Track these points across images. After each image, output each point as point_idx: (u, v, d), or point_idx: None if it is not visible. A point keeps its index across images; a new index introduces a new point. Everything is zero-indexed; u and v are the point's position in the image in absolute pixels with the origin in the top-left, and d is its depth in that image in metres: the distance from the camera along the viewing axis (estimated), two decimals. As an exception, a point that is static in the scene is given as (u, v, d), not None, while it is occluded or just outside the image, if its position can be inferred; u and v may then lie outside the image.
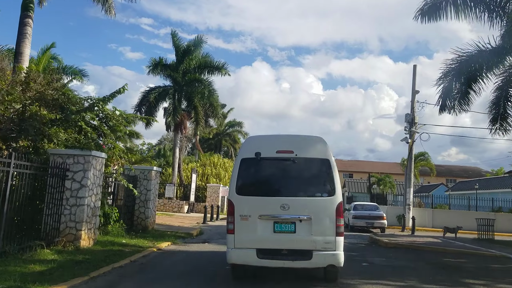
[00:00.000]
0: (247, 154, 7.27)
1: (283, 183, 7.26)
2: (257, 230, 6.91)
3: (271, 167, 7.35)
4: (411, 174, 26.04)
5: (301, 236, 6.87)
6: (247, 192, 7.12)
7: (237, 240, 6.94)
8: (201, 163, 40.91)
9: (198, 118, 33.00)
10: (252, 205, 7.01)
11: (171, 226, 18.54)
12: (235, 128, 61.30)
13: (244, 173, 7.20)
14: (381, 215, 21.75)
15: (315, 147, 7.30)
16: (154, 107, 33.52)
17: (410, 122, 25.97)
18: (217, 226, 21.16)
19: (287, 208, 6.87)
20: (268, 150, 7.25)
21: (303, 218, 6.89)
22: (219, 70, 34.61)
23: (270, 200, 7.02)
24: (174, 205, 30.91)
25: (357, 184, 48.40)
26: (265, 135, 8.36)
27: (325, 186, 7.12)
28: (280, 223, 6.91)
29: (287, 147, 7.23)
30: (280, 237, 6.91)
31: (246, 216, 6.92)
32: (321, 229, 6.88)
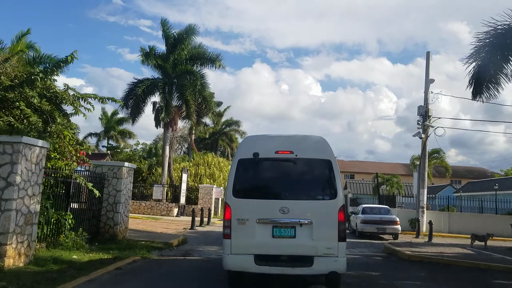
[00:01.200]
0: (245, 155, 6.91)
1: (283, 185, 6.95)
2: (255, 235, 6.59)
3: (270, 169, 7.02)
4: (424, 173, 23.36)
5: (302, 241, 6.56)
6: (244, 195, 6.76)
7: (234, 245, 6.58)
8: (194, 162, 38.17)
9: (190, 112, 30.29)
10: (250, 208, 6.67)
11: (150, 234, 15.83)
12: (232, 127, 58.72)
13: (241, 175, 6.86)
14: (394, 219, 19.05)
15: (316, 147, 6.97)
16: (141, 101, 30.85)
17: (423, 115, 23.31)
18: (206, 233, 18.43)
19: (286, 212, 6.55)
20: (266, 150, 6.89)
21: (303, 222, 6.58)
22: (213, 62, 32.05)
23: (268, 203, 6.69)
24: (163, 208, 28.18)
25: (360, 185, 45.68)
26: (264, 135, 7.66)
27: (326, 188, 6.80)
28: (279, 227, 6.60)
29: (286, 147, 6.91)
30: (279, 242, 6.59)
31: (244, 220, 6.59)
32: (323, 233, 6.55)
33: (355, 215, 20.98)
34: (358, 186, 45.45)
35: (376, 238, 19.41)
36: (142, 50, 30.53)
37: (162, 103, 29.93)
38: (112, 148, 42.92)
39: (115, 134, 54.45)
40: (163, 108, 29.57)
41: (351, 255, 13.19)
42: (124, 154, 41.04)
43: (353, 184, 45.13)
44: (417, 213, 23.16)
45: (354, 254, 13.73)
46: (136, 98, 30.22)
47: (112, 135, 54.90)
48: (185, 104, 30.37)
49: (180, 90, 30.94)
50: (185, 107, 30.39)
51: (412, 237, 20.97)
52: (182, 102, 30.80)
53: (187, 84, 30.64)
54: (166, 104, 30.04)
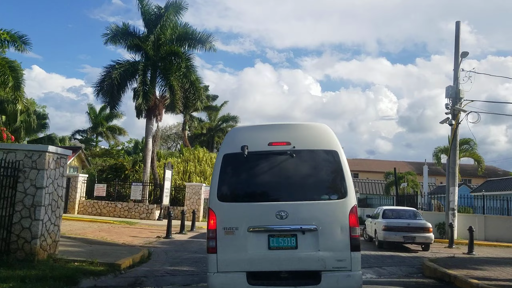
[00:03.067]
0: (231, 149, 5.67)
1: (279, 184, 5.64)
2: (246, 247, 5.35)
3: (263, 164, 5.71)
4: (455, 167, 19.23)
5: (305, 252, 5.32)
6: (232, 198, 5.55)
7: (220, 261, 5.34)
8: (183, 158, 34.02)
9: (175, 100, 26.14)
10: (239, 214, 5.45)
11: (105, 245, 11.73)
12: (229, 123, 54.51)
13: (227, 173, 5.62)
14: (425, 225, 14.94)
15: (318, 137, 5.76)
16: (119, 87, 26.67)
17: (453, 97, 19.17)
18: (184, 244, 14.31)
19: (285, 217, 5.35)
20: (257, 142, 5.67)
21: (306, 229, 5.35)
22: (203, 44, 27.96)
23: (262, 206, 5.45)
24: (142, 210, 24.05)
25: (367, 185, 41.57)
26: (254, 125, 6.39)
27: (333, 186, 5.61)
28: (276, 236, 5.39)
29: (282, 137, 5.71)
30: (277, 255, 5.35)
31: (232, 229, 5.38)
32: (331, 242, 5.33)
33: (372, 219, 16.87)
34: (366, 186, 41.36)
35: (400, 248, 15.31)
36: (111, 28, 26.34)
37: (140, 88, 25.76)
38: (86, 141, 38.75)
39: (104, 131, 50.47)
40: (141, 94, 25.41)
41: (379, 280, 9.17)
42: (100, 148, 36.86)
43: (360, 183, 41.01)
44: (446, 217, 19.03)
45: (384, 277, 9.64)
46: (112, 83, 26.07)
47: (101, 132, 51.02)
48: (169, 89, 26.26)
49: (164, 74, 26.89)
50: (169, 93, 26.27)
51: (443, 247, 16.85)
52: (166, 88, 26.72)
53: (172, 67, 26.64)
54: (144, 89, 25.93)
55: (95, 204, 24.16)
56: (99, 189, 24.52)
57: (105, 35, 26.38)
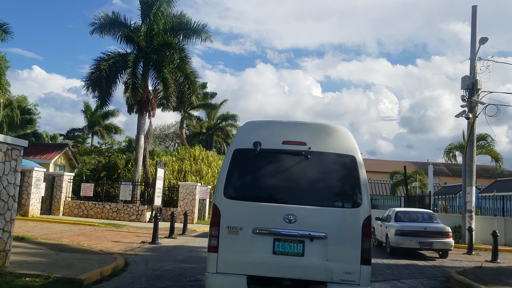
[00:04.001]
0: (243, 144, 5.35)
1: (290, 185, 5.29)
2: (250, 249, 5.04)
3: (275, 163, 5.37)
4: (472, 165, 17.53)
5: (312, 261, 4.98)
6: (239, 196, 5.22)
7: (221, 261, 5.04)
8: (178, 156, 32.36)
9: (168, 93, 24.47)
10: (245, 213, 5.12)
11: (77, 253, 10.05)
12: (228, 121, 53.06)
13: (237, 169, 5.30)
14: (444, 229, 13.28)
15: (336, 139, 5.36)
16: (108, 81, 24.98)
17: (470, 88, 17.50)
18: (171, 250, 12.62)
19: (293, 221, 5.01)
20: (271, 139, 5.34)
21: (315, 236, 4.99)
22: (198, 34, 26.34)
23: (270, 208, 5.11)
24: (132, 211, 22.38)
25: (372, 185, 39.76)
26: (269, 120, 5.89)
27: (348, 193, 5.26)
28: (283, 241, 5.05)
29: (298, 137, 5.33)
30: (282, 260, 5.02)
31: (236, 229, 5.07)
32: (341, 253, 4.98)
33: (382, 222, 15.18)
34: (371, 186, 39.55)
35: (414, 255, 13.65)
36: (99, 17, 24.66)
37: (130, 80, 24.10)
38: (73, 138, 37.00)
39: (101, 129, 48.85)
40: (130, 86, 23.76)
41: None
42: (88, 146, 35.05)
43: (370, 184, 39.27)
44: (463, 219, 17.33)
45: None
46: (101, 76, 24.41)
47: (97, 131, 49.40)
48: (162, 82, 24.63)
49: (157, 67, 25.28)
50: (162, 86, 24.64)
51: (461, 253, 15.20)
52: (159, 80, 25.09)
53: (165, 60, 25.02)
54: (135, 81, 24.32)
55: (81, 205, 22.50)
56: (86, 189, 22.85)
57: (92, 24, 24.74)
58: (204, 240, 16.75)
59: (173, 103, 25.41)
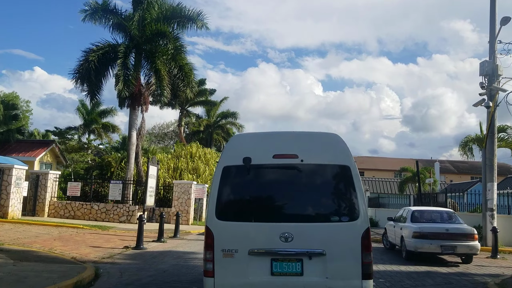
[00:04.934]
0: (232, 161, 5.07)
1: (284, 202, 5.10)
2: (247, 272, 4.80)
3: (266, 179, 5.19)
4: (493, 158, 15.87)
5: (312, 280, 4.77)
6: (231, 216, 4.96)
7: (218, 286, 4.79)
8: (174, 154, 30.78)
9: (161, 85, 22.89)
10: (240, 234, 4.88)
11: (40, 263, 8.49)
12: (228, 119, 51.07)
13: (227, 188, 5.01)
14: (468, 231, 11.63)
15: (329, 149, 5.11)
16: (98, 73, 23.38)
17: (489, 74, 15.85)
18: (157, 256, 11.01)
19: (290, 239, 4.77)
20: (261, 154, 5.07)
21: (313, 253, 4.78)
22: (193, 22, 24.84)
23: (265, 227, 4.90)
24: (122, 212, 20.79)
25: (378, 184, 38.14)
26: (257, 133, 5.84)
27: (344, 206, 5.04)
28: (280, 261, 4.81)
29: (288, 149, 5.07)
30: (281, 281, 4.81)
31: (231, 252, 4.80)
32: (341, 269, 4.78)
33: (396, 223, 13.56)
34: (377, 184, 37.97)
35: (433, 260, 12.04)
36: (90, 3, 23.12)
37: (121, 72, 22.52)
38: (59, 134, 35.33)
39: (98, 128, 47.27)
40: (121, 78, 22.18)
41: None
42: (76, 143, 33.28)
43: (371, 182, 37.59)
44: (483, 219, 15.69)
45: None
46: (89, 68, 22.83)
47: (94, 129, 47.84)
48: (155, 74, 23.06)
49: (149, 57, 23.71)
50: (155, 78, 23.06)
51: (484, 256, 13.53)
52: (151, 72, 23.53)
53: (158, 50, 23.48)
54: (126, 73, 22.76)
55: (68, 206, 20.92)
56: (73, 188, 21.27)
57: (83, 11, 23.22)
58: (198, 244, 15.21)
59: (167, 96, 23.82)
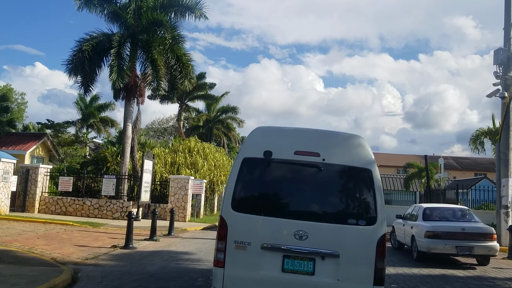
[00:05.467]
0: (253, 153, 4.97)
1: (301, 200, 4.98)
2: (258, 266, 4.69)
3: (286, 175, 5.03)
4: (508, 153, 14.93)
5: (323, 280, 4.65)
6: (247, 209, 4.85)
7: (227, 277, 4.70)
8: (172, 148, 29.83)
9: (158, 76, 21.94)
10: (254, 228, 4.81)
11: (13, 265, 7.57)
12: (228, 114, 50.01)
13: (245, 180, 4.92)
14: (486, 230, 10.73)
15: (351, 150, 4.99)
16: (92, 63, 22.42)
17: (504, 63, 14.89)
18: (146, 257, 10.10)
19: (304, 238, 4.68)
20: (283, 149, 4.94)
21: (327, 254, 4.65)
22: (192, 11, 23.91)
23: (280, 223, 4.78)
24: (116, 208, 19.88)
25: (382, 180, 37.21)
26: (281, 127, 5.48)
27: (362, 209, 4.90)
28: (292, 258, 4.71)
29: (311, 147, 4.91)
30: (291, 279, 4.68)
31: (244, 244, 4.71)
32: (353, 272, 4.65)
33: (405, 221, 12.63)
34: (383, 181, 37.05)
35: (446, 262, 11.12)
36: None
37: (115, 62, 21.56)
38: (52, 127, 34.31)
39: (96, 122, 46.32)
40: (115, 69, 21.23)
41: None
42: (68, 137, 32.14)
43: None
44: (497, 216, 14.77)
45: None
46: (83, 58, 21.88)
47: (92, 123, 46.92)
48: (151, 64, 22.09)
49: (145, 48, 22.77)
50: (151, 68, 22.08)
51: (500, 257, 12.62)
52: (148, 62, 22.57)
53: (155, 40, 22.54)
54: (120, 63, 21.75)
55: (59, 201, 20.00)
56: (64, 183, 20.35)
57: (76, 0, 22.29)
58: (194, 243, 14.31)
59: (164, 88, 22.85)
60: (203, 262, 9.63)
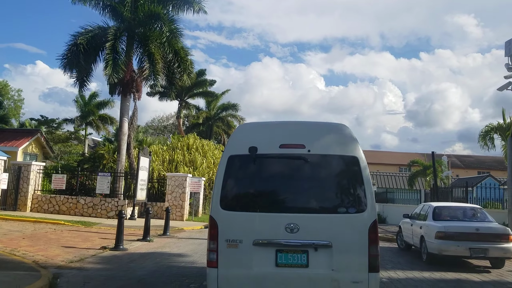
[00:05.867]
0: (238, 150, 4.98)
1: (290, 193, 4.96)
2: (251, 263, 4.68)
3: (273, 169, 5.09)
4: (521, 149, 14.18)
5: (317, 272, 4.66)
6: (236, 206, 4.87)
7: (221, 278, 4.67)
8: (170, 146, 29.13)
9: (155, 71, 21.21)
10: (244, 225, 4.79)
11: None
12: (229, 111, 49.08)
13: (232, 178, 4.93)
14: (501, 231, 10.00)
15: (336, 139, 5.04)
16: (87, 57, 21.72)
17: (517, 54, 14.13)
18: (136, 260, 9.40)
19: (295, 230, 4.68)
20: (268, 143, 4.97)
21: (319, 245, 4.68)
22: (190, 5, 23.29)
23: (271, 217, 4.79)
24: (111, 206, 19.20)
25: (384, 178, 36.45)
26: (264, 122, 6.03)
27: (352, 197, 4.92)
28: (285, 252, 4.72)
29: (296, 139, 4.97)
30: (285, 273, 4.69)
31: (236, 242, 4.72)
32: (347, 261, 4.66)
33: (413, 221, 11.91)
34: (383, 179, 36.27)
35: (458, 265, 10.39)
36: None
37: (110, 56, 20.87)
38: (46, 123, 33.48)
39: (95, 120, 45.62)
40: (110, 62, 20.55)
41: None
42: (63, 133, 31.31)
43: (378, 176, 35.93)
44: (509, 215, 14.01)
45: None
46: (78, 52, 21.19)
47: (91, 121, 46.23)
48: (148, 58, 21.39)
49: (142, 41, 22.07)
50: (148, 62, 21.37)
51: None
52: (144, 56, 21.87)
53: (152, 34, 21.84)
54: (115, 57, 21.09)
55: (52, 200, 19.32)
56: (58, 181, 19.66)
57: (70, -8, 21.64)
58: (189, 243, 13.56)
59: (161, 82, 22.18)
60: (198, 265, 8.93)
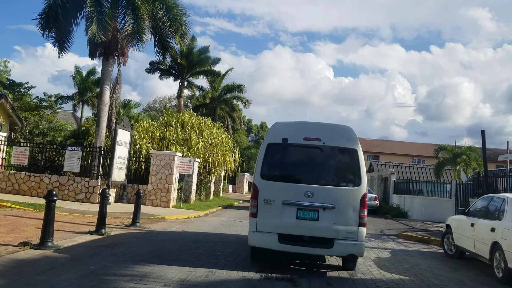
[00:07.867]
0: (274, 139, 7.44)
1: (309, 170, 7.47)
2: (280, 215, 7.07)
3: (297, 154, 7.59)
4: None
5: (324, 224, 7.02)
6: (271, 177, 7.30)
7: (259, 223, 7.09)
8: (162, 122, 25.66)
9: (139, 28, 17.72)
10: (276, 190, 7.17)
11: None
12: (233, 93, 45.15)
13: (269, 158, 7.39)
14: None
15: (343, 136, 7.44)
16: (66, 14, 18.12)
17: None
18: (55, 268, 5.96)
19: (311, 196, 7.05)
20: (295, 136, 7.41)
21: (326, 207, 7.03)
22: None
23: (294, 186, 7.19)
24: (80, 187, 15.87)
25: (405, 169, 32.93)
26: (293, 122, 8.16)
27: (350, 176, 7.32)
28: (303, 210, 7.07)
29: (314, 134, 7.39)
30: (302, 223, 7.06)
31: (270, 201, 7.10)
32: (344, 218, 7.04)
33: (476, 219, 8.44)
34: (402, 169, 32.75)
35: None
36: None
37: (93, 10, 17.36)
38: (11, 87, 29.74)
39: (92, 98, 42.29)
40: (94, 17, 17.07)
41: None
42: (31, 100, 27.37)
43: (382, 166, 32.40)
44: None
45: None
46: (56, 7, 17.71)
47: (88, 99, 42.97)
48: (132, 12, 17.88)
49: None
50: (132, 17, 17.87)
51: None
52: (128, 10, 18.34)
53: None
54: (99, 10, 17.59)
55: (11, 177, 16.04)
56: (19, 155, 16.32)
57: None
58: (159, 240, 9.03)
59: (146, 38, 18.53)
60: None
